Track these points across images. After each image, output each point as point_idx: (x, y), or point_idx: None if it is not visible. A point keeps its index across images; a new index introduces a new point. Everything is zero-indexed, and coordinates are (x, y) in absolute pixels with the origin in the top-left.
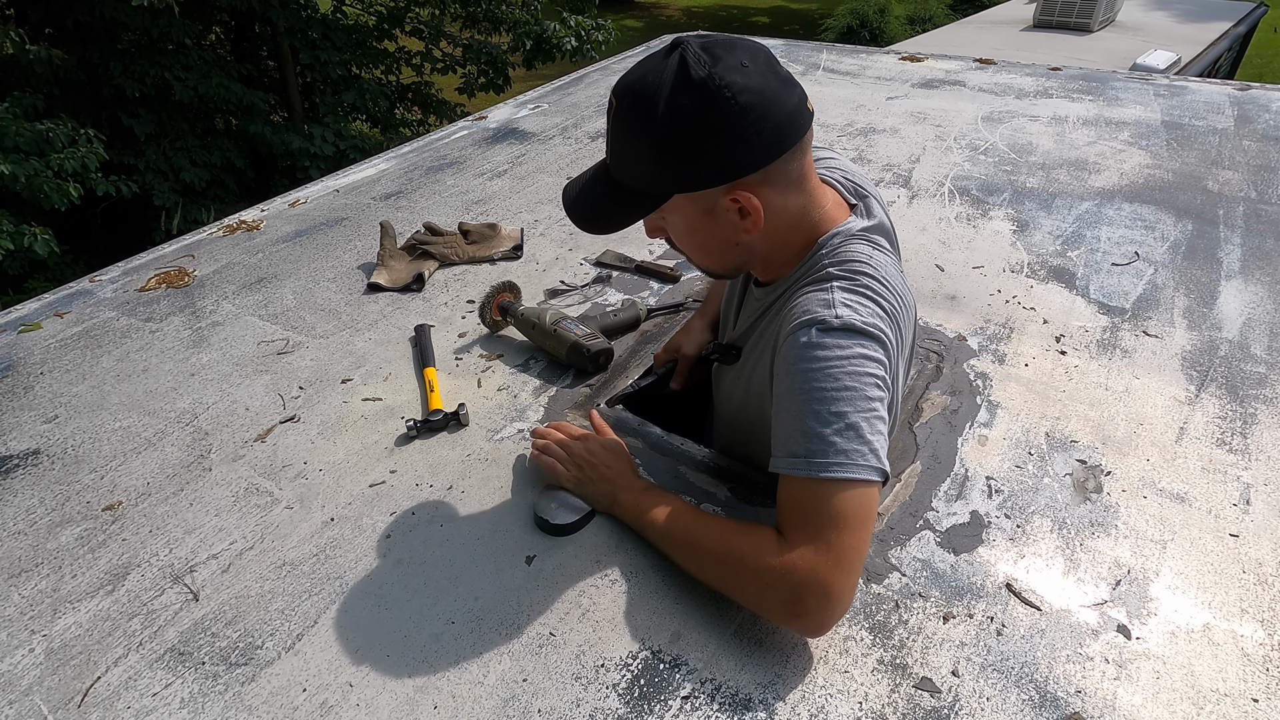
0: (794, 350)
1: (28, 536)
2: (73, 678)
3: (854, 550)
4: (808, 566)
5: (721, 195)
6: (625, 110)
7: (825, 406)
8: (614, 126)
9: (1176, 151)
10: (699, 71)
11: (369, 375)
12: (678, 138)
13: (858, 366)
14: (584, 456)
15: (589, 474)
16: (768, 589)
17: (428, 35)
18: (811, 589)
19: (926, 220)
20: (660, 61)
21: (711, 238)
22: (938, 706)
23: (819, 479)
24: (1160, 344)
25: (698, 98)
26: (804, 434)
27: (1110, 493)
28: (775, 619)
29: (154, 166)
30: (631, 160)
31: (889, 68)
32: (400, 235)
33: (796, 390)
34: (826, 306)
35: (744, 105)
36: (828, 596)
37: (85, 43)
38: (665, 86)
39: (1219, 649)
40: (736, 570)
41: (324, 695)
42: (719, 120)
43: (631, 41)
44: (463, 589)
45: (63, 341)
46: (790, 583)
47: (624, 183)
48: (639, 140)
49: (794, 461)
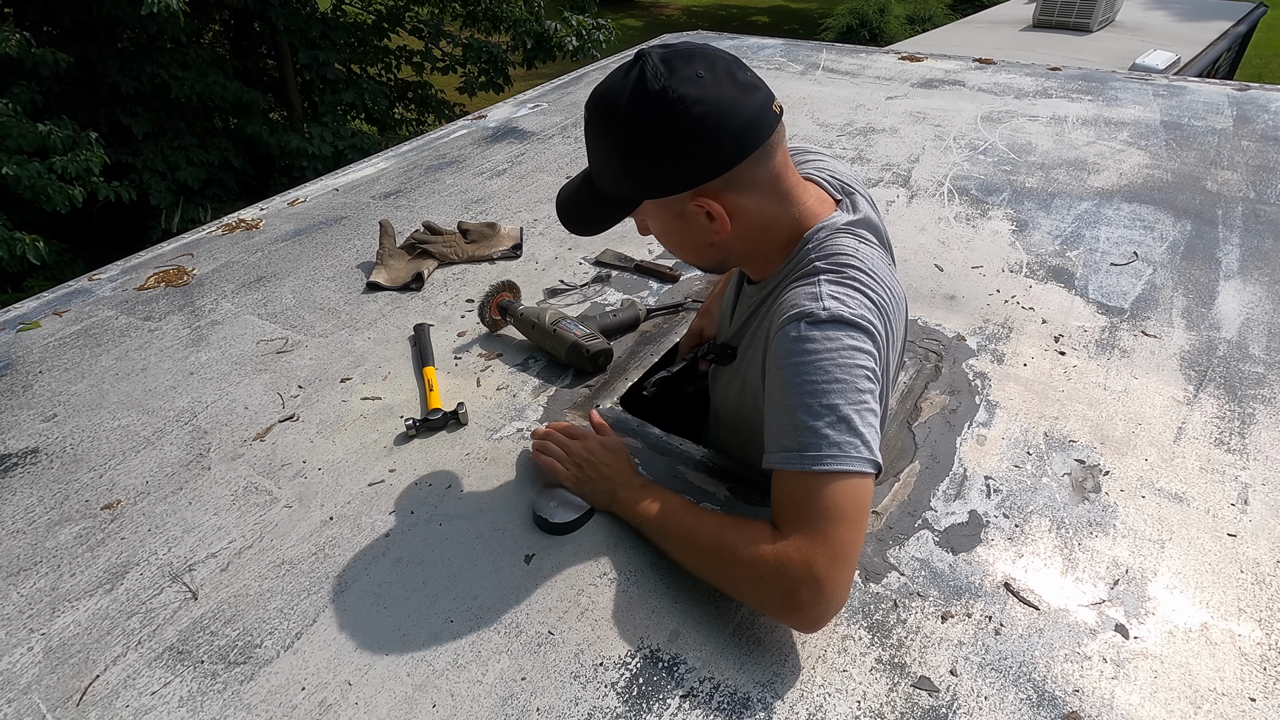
0: (784, 344)
1: (26, 535)
2: (71, 676)
3: (849, 543)
4: (802, 559)
5: (688, 200)
6: (594, 122)
7: (816, 399)
8: (587, 136)
9: (1175, 152)
10: (654, 85)
11: (368, 374)
12: (637, 148)
13: (848, 359)
14: (583, 455)
15: (588, 472)
16: (762, 582)
17: (427, 34)
18: (806, 582)
19: (926, 220)
20: (624, 74)
21: (686, 239)
22: (936, 705)
23: (812, 472)
24: (1159, 344)
25: (654, 110)
26: (795, 427)
27: (1108, 492)
28: (770, 613)
29: (151, 166)
30: (603, 167)
31: (888, 67)
32: (399, 234)
33: (787, 384)
34: (814, 299)
35: (698, 116)
36: (822, 590)
37: (83, 40)
38: (625, 99)
39: (1216, 648)
40: (731, 564)
41: (323, 694)
42: (674, 131)
43: (632, 41)
44: (461, 588)
45: (61, 340)
46: (785, 576)
47: (601, 188)
48: (606, 150)
49: (786, 456)
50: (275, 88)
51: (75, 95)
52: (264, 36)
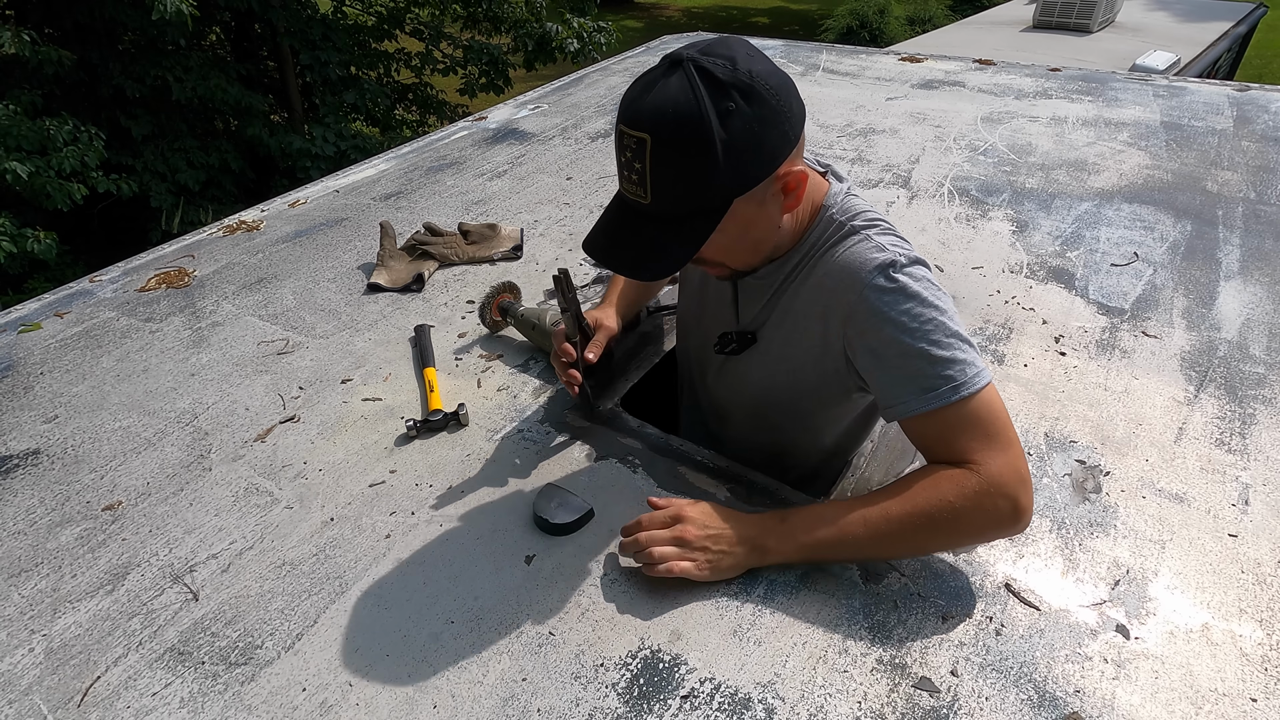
0: (880, 298)
1: (28, 536)
2: (72, 677)
3: (1016, 438)
4: (1009, 470)
5: (770, 182)
6: (667, 139)
7: (940, 333)
8: (657, 160)
9: (1176, 152)
10: (723, 74)
11: (369, 375)
12: (735, 141)
13: (936, 290)
14: (696, 536)
15: (715, 550)
16: (992, 512)
17: (428, 36)
18: (1022, 487)
19: (926, 221)
20: (677, 83)
21: (758, 231)
22: (936, 706)
23: (966, 396)
24: (1159, 344)
25: (740, 97)
26: (933, 363)
27: (1109, 493)
28: (1004, 533)
29: (151, 168)
30: (685, 186)
31: (889, 68)
32: (400, 235)
33: (904, 331)
34: (879, 250)
35: (773, 88)
36: (1029, 486)
37: (84, 43)
38: (703, 100)
39: (1217, 649)
40: (955, 518)
41: (323, 695)
42: (763, 109)
43: (632, 42)
44: (462, 588)
45: (63, 341)
46: (1005, 494)
47: (674, 213)
48: (695, 161)
49: (935, 396)
50: (276, 89)
51: (76, 97)
52: (265, 38)
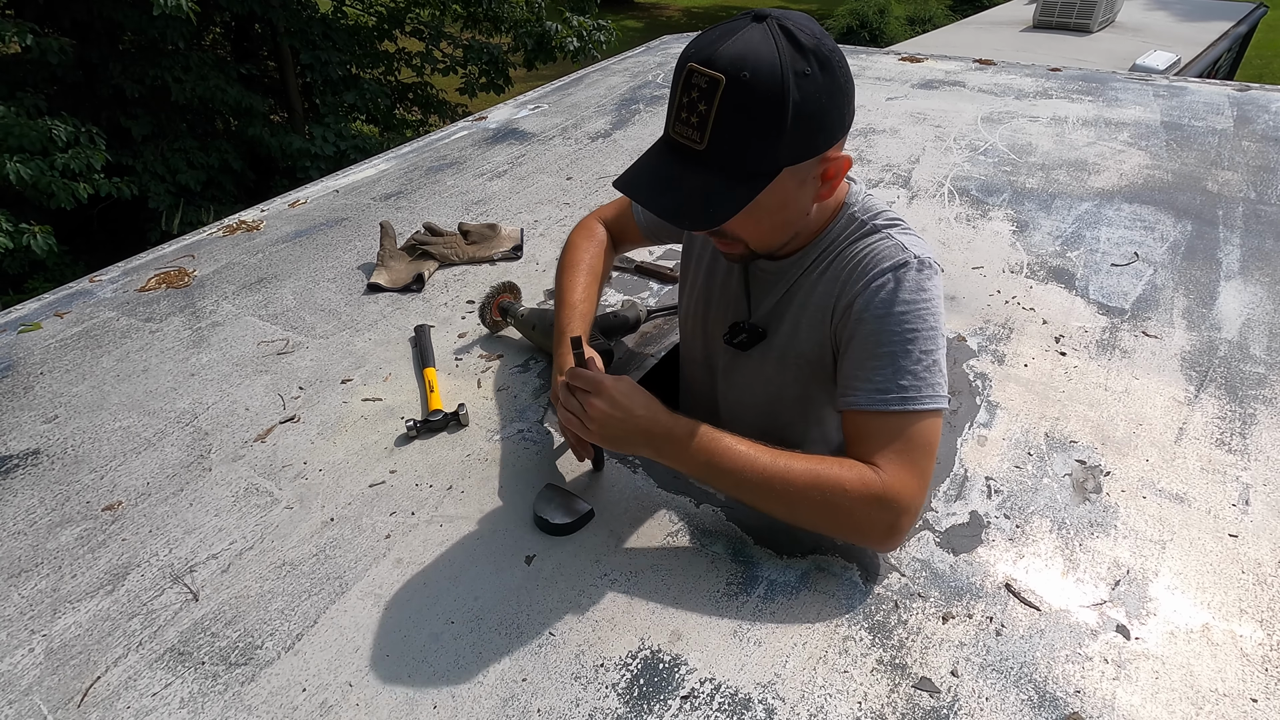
0: (882, 294)
1: (28, 536)
2: (72, 677)
3: (930, 472)
4: (909, 492)
5: (817, 163)
6: (744, 85)
7: (917, 346)
8: (727, 104)
9: (1176, 152)
10: (806, 39)
11: (369, 375)
12: (807, 105)
13: (936, 307)
14: (604, 411)
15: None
16: (873, 518)
17: (428, 36)
18: (907, 511)
19: (926, 220)
20: (760, 35)
21: (789, 211)
22: (937, 706)
23: (910, 411)
24: (1160, 344)
25: (818, 65)
26: (897, 371)
27: (1109, 493)
28: (869, 541)
29: (151, 169)
30: (746, 137)
31: (889, 68)
32: (400, 235)
33: (888, 332)
34: (900, 249)
35: (845, 67)
36: (914, 516)
37: (84, 42)
38: (785, 57)
39: (1218, 649)
40: (840, 501)
41: (323, 695)
42: (834, 83)
43: (632, 42)
44: (462, 589)
45: (63, 341)
46: (893, 507)
47: (725, 165)
48: (764, 112)
49: (887, 398)
50: (276, 89)
51: (76, 97)
52: (265, 38)
